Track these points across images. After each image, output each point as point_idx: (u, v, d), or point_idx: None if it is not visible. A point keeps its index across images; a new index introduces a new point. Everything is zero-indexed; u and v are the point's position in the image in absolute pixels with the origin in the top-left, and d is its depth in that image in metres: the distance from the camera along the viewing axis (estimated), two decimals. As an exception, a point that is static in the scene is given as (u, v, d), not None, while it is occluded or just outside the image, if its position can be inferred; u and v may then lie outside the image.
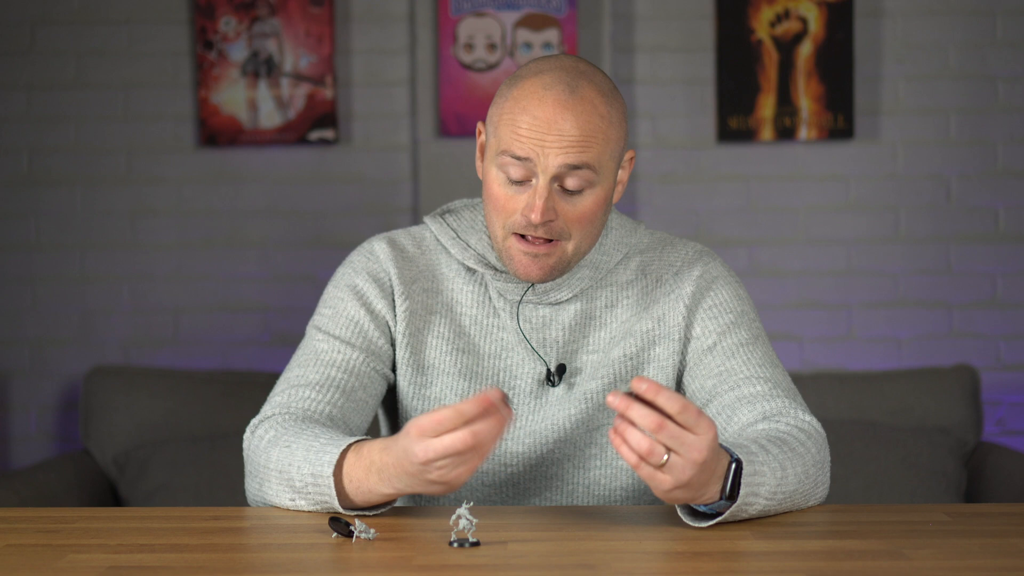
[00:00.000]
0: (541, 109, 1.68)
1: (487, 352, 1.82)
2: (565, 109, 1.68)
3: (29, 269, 3.66)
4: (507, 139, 1.70)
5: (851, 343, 3.62)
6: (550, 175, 1.69)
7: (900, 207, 3.62)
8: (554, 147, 1.68)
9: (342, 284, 1.86)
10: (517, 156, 1.69)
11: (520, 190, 1.72)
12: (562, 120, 1.68)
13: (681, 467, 1.44)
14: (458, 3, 3.57)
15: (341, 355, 1.80)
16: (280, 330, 3.64)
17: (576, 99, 1.69)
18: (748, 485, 1.52)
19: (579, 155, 1.68)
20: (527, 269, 1.75)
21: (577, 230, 1.73)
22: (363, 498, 1.58)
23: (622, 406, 1.43)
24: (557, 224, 1.72)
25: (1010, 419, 3.61)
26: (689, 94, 3.62)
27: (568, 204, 1.71)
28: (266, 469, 1.67)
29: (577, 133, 1.68)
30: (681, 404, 1.43)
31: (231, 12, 3.60)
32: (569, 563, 1.41)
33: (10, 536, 1.56)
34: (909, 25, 3.60)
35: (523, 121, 1.69)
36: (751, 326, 1.83)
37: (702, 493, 1.49)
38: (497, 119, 1.73)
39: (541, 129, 1.68)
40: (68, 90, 3.64)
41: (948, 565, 1.39)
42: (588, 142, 1.68)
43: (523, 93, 1.70)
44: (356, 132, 3.64)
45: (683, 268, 1.85)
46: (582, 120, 1.68)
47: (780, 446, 1.61)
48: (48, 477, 3.19)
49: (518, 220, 1.72)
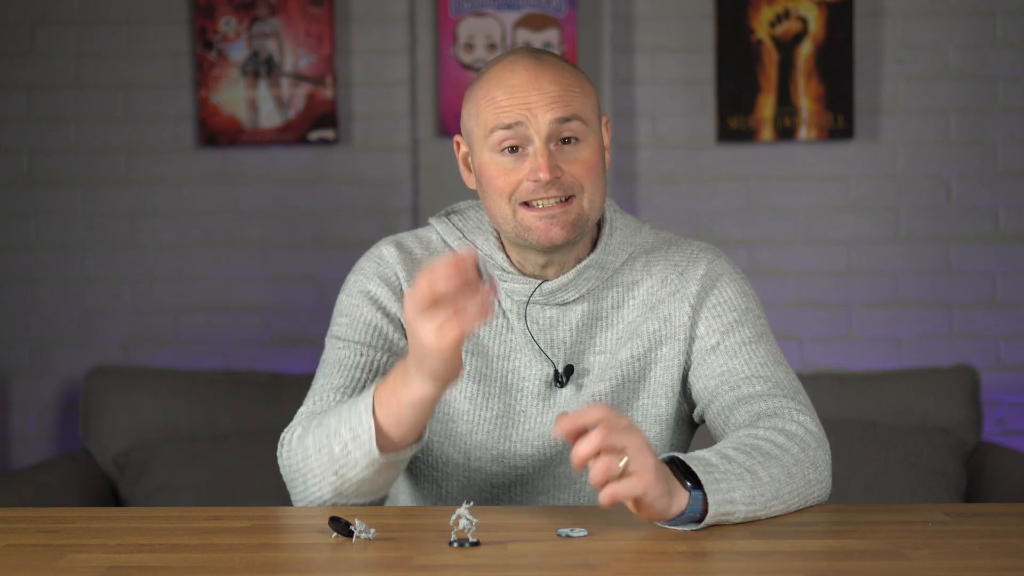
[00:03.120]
0: (515, 78, 1.74)
1: (495, 354, 1.82)
2: (538, 71, 1.74)
3: (29, 269, 3.66)
4: (492, 117, 1.74)
5: (851, 343, 3.62)
6: (544, 134, 1.72)
7: (900, 207, 3.61)
8: (540, 105, 1.72)
9: (355, 291, 1.86)
10: (507, 125, 1.73)
11: (518, 159, 1.75)
12: (539, 79, 1.73)
13: (639, 450, 1.46)
14: (458, 3, 3.57)
15: (364, 357, 1.80)
16: (280, 330, 3.64)
17: (544, 63, 1.75)
18: (716, 493, 1.52)
19: (565, 107, 1.73)
20: (548, 232, 1.75)
21: (586, 181, 1.75)
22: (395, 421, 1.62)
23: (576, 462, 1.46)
24: (566, 179, 1.74)
25: (1010, 419, 3.61)
26: (689, 94, 3.62)
27: (570, 158, 1.74)
28: (305, 460, 1.69)
29: (556, 88, 1.73)
30: (601, 408, 1.47)
31: (231, 12, 3.60)
32: (569, 563, 1.41)
33: (10, 536, 1.56)
34: (909, 25, 3.60)
35: (501, 95, 1.74)
36: (755, 324, 1.82)
37: (674, 490, 1.49)
38: (475, 112, 1.77)
39: (521, 93, 1.73)
40: (68, 90, 3.64)
41: (948, 565, 1.39)
42: (568, 94, 1.74)
43: (491, 75, 1.76)
44: (356, 132, 3.64)
45: (688, 267, 1.85)
46: (556, 76, 1.74)
47: (748, 452, 1.61)
48: (48, 477, 3.19)
49: (525, 188, 1.74)
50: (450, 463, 1.83)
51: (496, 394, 1.81)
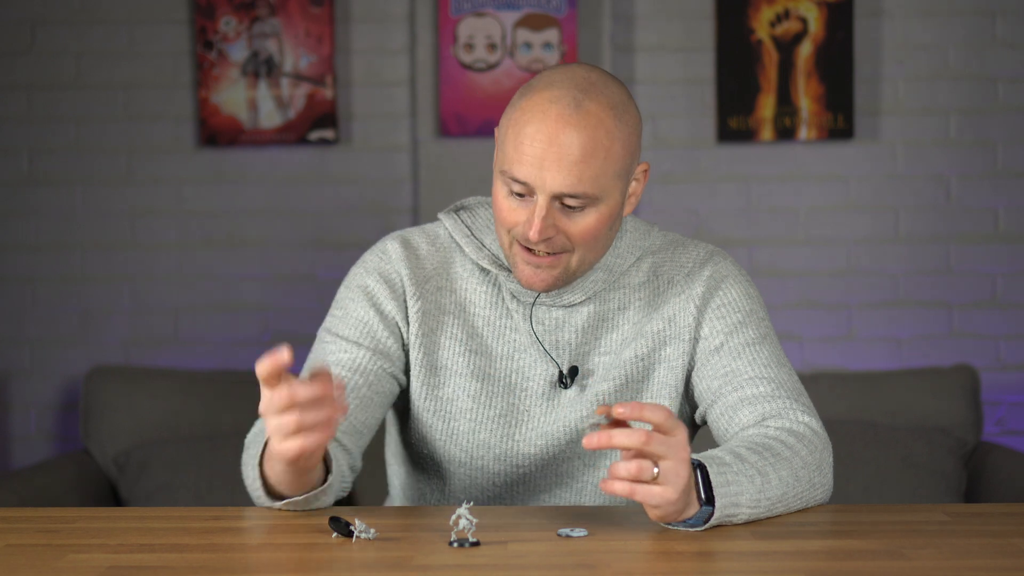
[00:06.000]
0: (546, 124, 1.66)
1: (500, 353, 1.82)
2: (568, 125, 1.66)
3: (29, 269, 3.66)
4: (509, 157, 1.69)
5: (851, 343, 3.62)
6: (548, 195, 1.67)
7: (900, 207, 3.62)
8: (552, 168, 1.66)
9: (353, 285, 1.86)
10: (516, 179, 1.69)
11: (523, 203, 1.71)
12: (564, 136, 1.65)
13: (675, 471, 1.46)
14: (458, 3, 3.57)
15: (347, 355, 1.80)
16: (280, 330, 3.64)
17: (581, 114, 1.66)
18: (724, 496, 1.53)
19: (577, 183, 1.66)
20: (530, 279, 1.75)
21: (580, 244, 1.72)
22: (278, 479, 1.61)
23: (604, 439, 1.45)
24: (558, 239, 1.71)
25: (1010, 419, 3.61)
26: (689, 94, 3.62)
27: (569, 220, 1.70)
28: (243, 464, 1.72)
29: (577, 153, 1.65)
30: (664, 412, 1.46)
31: (231, 12, 3.60)
32: (569, 563, 1.41)
33: (10, 536, 1.56)
34: (909, 25, 3.60)
35: (526, 135, 1.67)
36: (759, 325, 1.83)
37: (688, 503, 1.50)
38: (505, 131, 1.72)
39: (541, 148, 1.66)
40: (68, 90, 3.65)
41: (948, 565, 1.39)
42: (587, 163, 1.66)
43: (530, 104, 1.69)
44: (356, 132, 3.64)
45: (694, 269, 1.85)
46: (584, 139, 1.65)
47: (761, 453, 1.62)
48: (48, 477, 3.19)
49: (521, 231, 1.72)
50: (454, 461, 1.84)
51: (499, 393, 1.81)
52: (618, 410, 1.45)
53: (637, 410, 1.45)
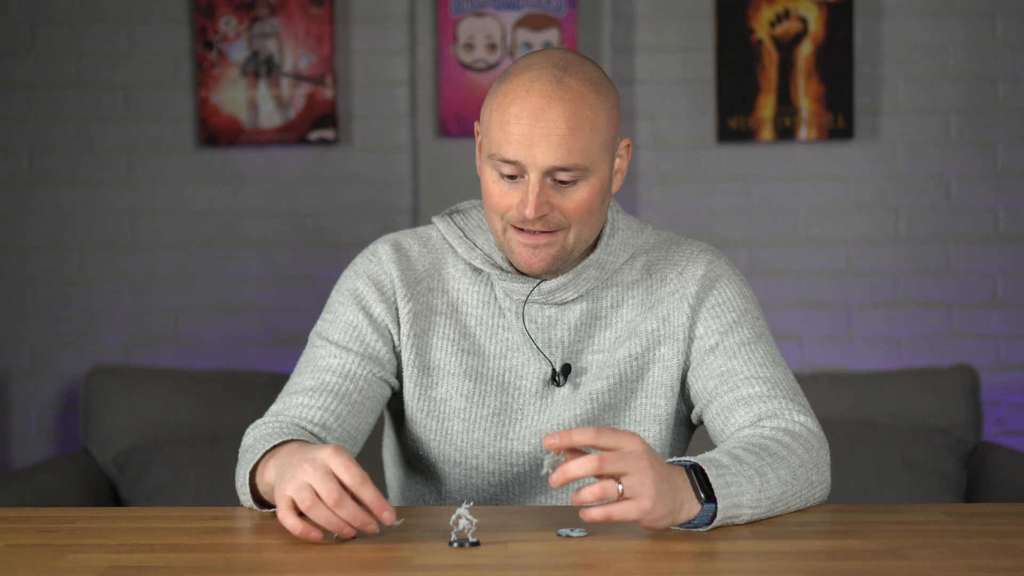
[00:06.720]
0: (529, 101, 1.68)
1: (492, 352, 1.82)
2: (551, 101, 1.68)
3: (29, 269, 3.66)
4: (496, 140, 1.70)
5: (851, 343, 3.62)
6: (540, 172, 1.69)
7: (900, 207, 3.62)
8: (541, 144, 1.68)
9: (343, 289, 1.86)
10: (506, 159, 1.69)
11: (514, 185, 1.72)
12: (550, 111, 1.68)
13: (639, 482, 1.46)
14: (458, 3, 3.57)
15: (337, 360, 1.80)
16: (280, 330, 3.64)
17: (562, 89, 1.69)
18: (726, 497, 1.53)
19: (567, 155, 1.68)
20: (529, 261, 1.75)
21: (575, 220, 1.73)
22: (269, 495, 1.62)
23: (560, 477, 1.46)
24: (553, 216, 1.72)
25: (1010, 419, 3.61)
26: (689, 94, 3.62)
27: (563, 196, 1.71)
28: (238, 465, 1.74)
29: (564, 127, 1.68)
30: (594, 431, 1.47)
31: (231, 12, 3.60)
32: (569, 563, 1.41)
33: (10, 536, 1.56)
34: (909, 25, 3.60)
35: (511, 120, 1.69)
36: (754, 324, 1.83)
37: (681, 505, 1.50)
38: (488, 117, 1.74)
39: (528, 125, 1.68)
40: (68, 90, 3.64)
41: (948, 565, 1.39)
42: (576, 136, 1.68)
43: (513, 87, 1.71)
44: (356, 132, 3.64)
45: (688, 267, 1.85)
46: (569, 111, 1.68)
47: (758, 453, 1.62)
48: (48, 477, 3.19)
49: (515, 213, 1.73)
50: (448, 461, 1.84)
51: (492, 392, 1.81)
52: (548, 441, 1.46)
53: (564, 438, 1.46)
